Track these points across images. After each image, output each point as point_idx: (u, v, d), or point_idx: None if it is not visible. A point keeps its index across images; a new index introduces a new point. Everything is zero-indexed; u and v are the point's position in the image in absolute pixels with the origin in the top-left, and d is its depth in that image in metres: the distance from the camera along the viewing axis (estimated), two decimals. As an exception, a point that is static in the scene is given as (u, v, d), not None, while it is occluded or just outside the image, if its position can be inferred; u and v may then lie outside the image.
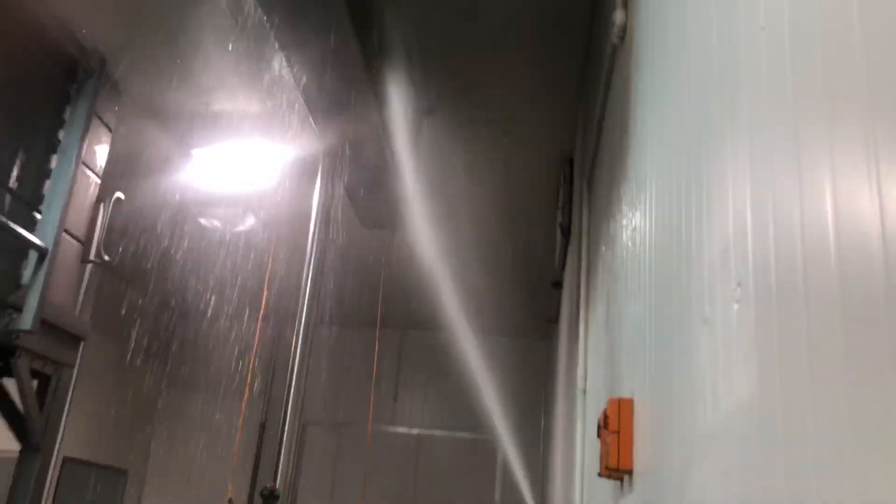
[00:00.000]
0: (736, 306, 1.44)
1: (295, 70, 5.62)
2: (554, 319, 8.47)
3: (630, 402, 2.59)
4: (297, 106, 6.57)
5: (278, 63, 6.26)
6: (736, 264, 1.46)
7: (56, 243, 5.45)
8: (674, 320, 2.01)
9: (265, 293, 7.74)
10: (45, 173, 5.57)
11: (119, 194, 6.35)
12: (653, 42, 2.84)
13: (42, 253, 5.36)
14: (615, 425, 2.61)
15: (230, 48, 6.18)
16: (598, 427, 2.86)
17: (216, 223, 7.32)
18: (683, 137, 2.06)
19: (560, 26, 5.61)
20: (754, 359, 1.32)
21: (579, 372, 4.60)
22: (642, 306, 2.51)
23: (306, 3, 4.00)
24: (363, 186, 6.47)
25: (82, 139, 5.68)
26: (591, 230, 4.79)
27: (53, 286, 5.47)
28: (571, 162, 6.91)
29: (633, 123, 3.14)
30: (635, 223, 2.85)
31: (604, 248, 3.96)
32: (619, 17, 3.42)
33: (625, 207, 3.22)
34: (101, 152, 6.08)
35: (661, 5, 2.66)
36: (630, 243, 2.92)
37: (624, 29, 3.46)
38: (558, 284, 7.54)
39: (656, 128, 2.58)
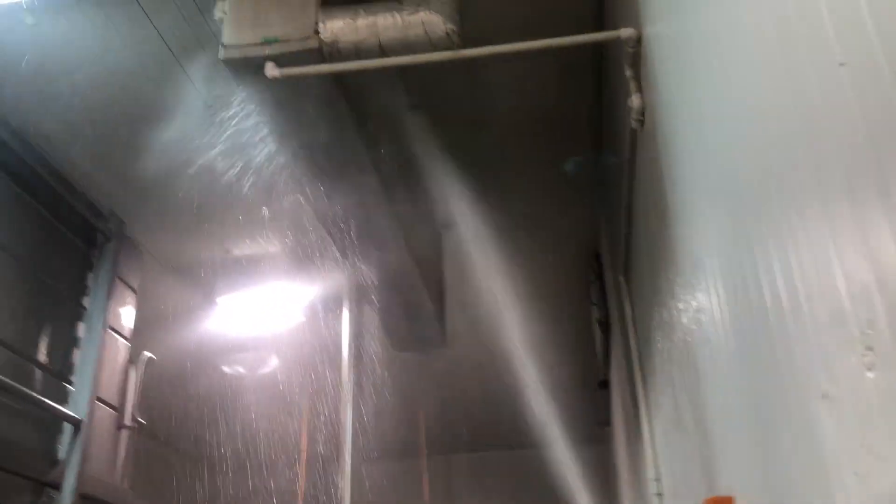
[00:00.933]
0: (871, 374, 1.27)
1: (313, 205, 5.61)
2: (605, 422, 8.12)
3: (731, 502, 2.35)
4: (317, 240, 6.55)
5: (296, 201, 6.29)
6: (860, 327, 1.29)
7: (90, 413, 5.29)
8: (777, 402, 1.82)
9: (304, 436, 7.49)
10: (74, 342, 5.49)
11: (149, 354, 6.24)
12: (681, 119, 2.76)
13: (77, 425, 5.20)
14: (718, 529, 2.36)
15: (245, 193, 6.22)
16: (697, 533, 2.61)
17: (240, 369, 7.17)
18: (747, 207, 1.93)
19: (566, 123, 5.63)
20: (916, 431, 1.13)
21: (650, 475, 4.31)
22: (729, 392, 2.31)
23: (318, 135, 4.00)
24: (391, 310, 6.35)
25: (107, 304, 5.63)
26: (638, 323, 4.61)
27: (91, 458, 5.28)
28: (598, 256, 6.80)
29: (673, 205, 3.03)
30: (697, 305, 2.68)
31: (658, 338, 3.77)
32: (636, 101, 3.38)
33: (678, 291, 3.06)
34: (127, 314, 6.01)
35: (686, 79, 2.59)
36: (695, 327, 2.75)
37: (642, 112, 3.41)
38: (605, 384, 7.26)
39: (705, 205, 2.45)
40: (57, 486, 5.00)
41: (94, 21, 4.66)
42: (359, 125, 4.51)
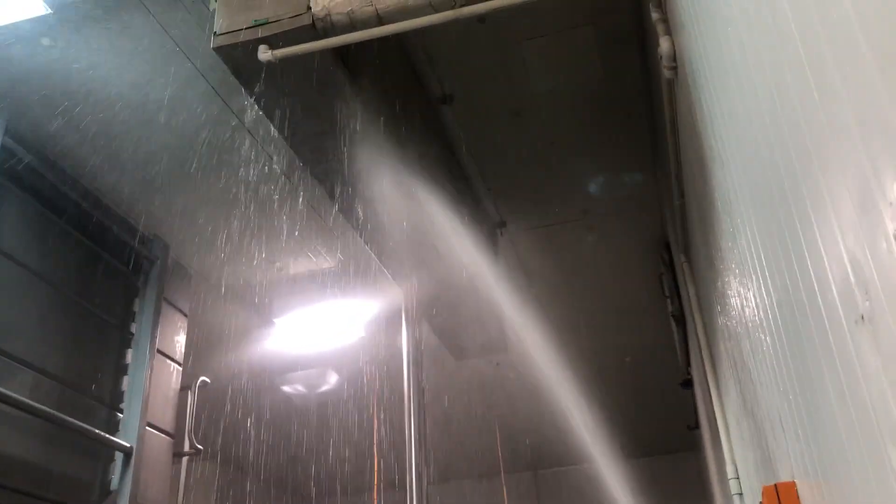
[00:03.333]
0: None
1: (355, 220, 5.38)
2: (695, 424, 7.55)
3: (792, 487, 1.91)
4: (369, 254, 6.32)
5: (339, 215, 6.07)
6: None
7: (140, 440, 5.16)
8: (826, 381, 1.41)
9: (375, 457, 7.22)
10: (123, 369, 5.39)
11: (204, 378, 6.11)
12: (710, 62, 2.35)
13: (127, 453, 5.08)
14: (780, 523, 1.93)
15: (291, 210, 6.06)
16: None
17: (300, 388, 6.98)
18: (781, 160, 1.52)
19: (616, 100, 5.20)
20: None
21: (729, 472, 3.82)
22: (778, 368, 1.89)
23: (326, 125, 3.75)
24: (447, 318, 6.02)
25: (154, 329, 5.52)
26: (702, 303, 4.14)
27: (145, 486, 5.15)
28: (668, 246, 6.31)
29: (711, 161, 2.61)
30: (741, 271, 2.26)
31: (717, 315, 3.32)
32: (665, 45, 2.98)
33: (727, 258, 2.63)
34: (178, 338, 5.90)
35: (711, 13, 2.19)
36: (743, 295, 2.32)
37: (674, 58, 3.01)
38: (688, 383, 6.72)
39: (738, 161, 2.03)
40: (110, 516, 4.88)
41: (112, 40, 4.56)
42: (383, 121, 4.25)
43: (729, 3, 1.77)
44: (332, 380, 7.08)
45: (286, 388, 7.03)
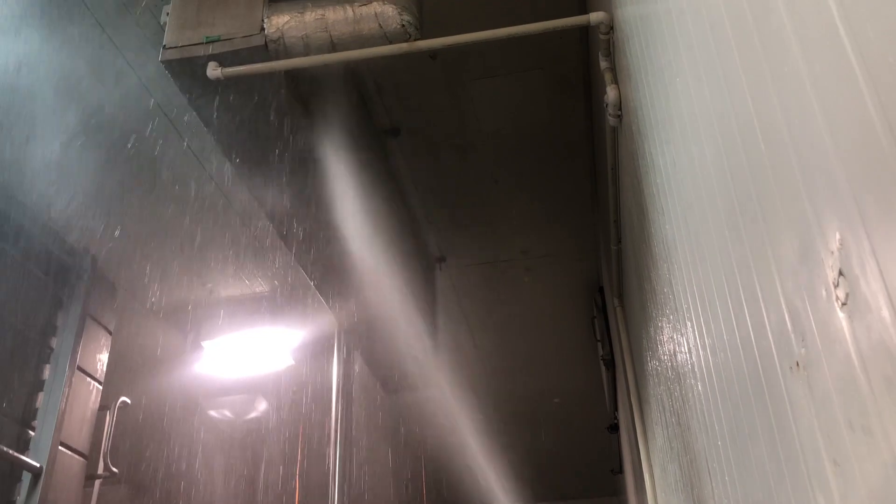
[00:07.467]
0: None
1: (293, 247, 5.32)
2: (618, 469, 7.62)
3: (717, 534, 1.94)
4: (304, 283, 6.24)
5: (275, 238, 6.00)
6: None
7: (52, 460, 4.93)
8: (753, 416, 1.44)
9: (297, 491, 7.06)
10: (38, 385, 5.16)
11: (125, 399, 5.90)
12: (650, 112, 2.43)
13: (36, 473, 4.84)
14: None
15: (227, 230, 5.96)
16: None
17: (227, 413, 6.80)
18: (710, 209, 1.58)
19: (561, 143, 5.31)
20: None
21: (653, 520, 3.85)
22: (708, 406, 1.92)
23: (272, 149, 3.71)
24: (379, 351, 5.98)
25: (76, 344, 5.30)
26: (633, 350, 4.20)
27: (53, 509, 4.90)
28: (601, 290, 6.41)
29: (650, 206, 2.67)
30: (675, 314, 2.30)
31: (647, 360, 3.37)
32: (611, 94, 3.05)
33: (660, 300, 2.68)
34: (100, 356, 5.68)
35: (653, 64, 2.26)
36: (676, 344, 2.37)
37: (619, 106, 3.09)
38: (614, 427, 6.79)
39: (676, 205, 2.10)
40: (12, 541, 4.63)
41: (55, 46, 4.45)
42: (329, 147, 4.23)
43: (679, 55, 1.82)
44: (261, 407, 6.93)
45: (212, 413, 6.84)
